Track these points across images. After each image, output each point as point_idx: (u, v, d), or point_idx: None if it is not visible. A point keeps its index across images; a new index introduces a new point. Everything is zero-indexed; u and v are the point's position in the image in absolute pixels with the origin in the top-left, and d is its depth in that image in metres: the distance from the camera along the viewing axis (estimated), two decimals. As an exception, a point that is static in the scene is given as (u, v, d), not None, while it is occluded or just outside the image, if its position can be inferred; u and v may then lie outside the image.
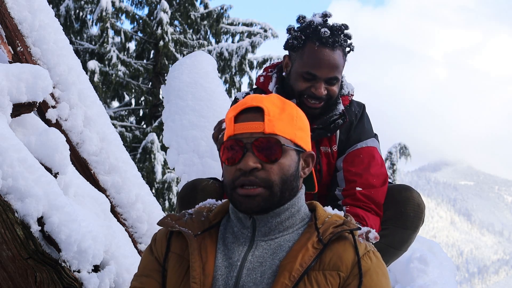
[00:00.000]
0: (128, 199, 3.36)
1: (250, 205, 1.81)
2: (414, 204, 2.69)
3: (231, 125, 1.86)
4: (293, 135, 1.87)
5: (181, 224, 1.91)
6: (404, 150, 19.41)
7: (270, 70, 2.88)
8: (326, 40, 2.64)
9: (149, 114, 15.57)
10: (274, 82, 2.81)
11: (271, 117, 1.83)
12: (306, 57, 2.66)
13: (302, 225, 1.89)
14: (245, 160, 1.80)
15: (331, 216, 1.89)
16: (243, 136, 1.83)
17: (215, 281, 1.81)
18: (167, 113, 4.02)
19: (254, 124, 1.83)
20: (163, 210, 6.04)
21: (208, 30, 16.00)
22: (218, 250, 1.86)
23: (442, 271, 3.50)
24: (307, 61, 2.66)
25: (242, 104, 1.88)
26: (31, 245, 2.33)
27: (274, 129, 1.83)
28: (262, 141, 1.81)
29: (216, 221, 1.93)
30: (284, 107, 1.88)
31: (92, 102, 3.38)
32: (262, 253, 1.83)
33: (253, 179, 1.80)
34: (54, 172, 2.60)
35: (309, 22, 2.69)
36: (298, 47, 2.69)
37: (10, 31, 3.20)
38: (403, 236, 2.70)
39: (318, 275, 1.77)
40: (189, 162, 3.75)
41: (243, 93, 2.89)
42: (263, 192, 1.80)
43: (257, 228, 1.85)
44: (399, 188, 2.75)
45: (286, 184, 1.83)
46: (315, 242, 1.80)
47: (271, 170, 1.81)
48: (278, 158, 1.81)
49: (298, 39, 2.69)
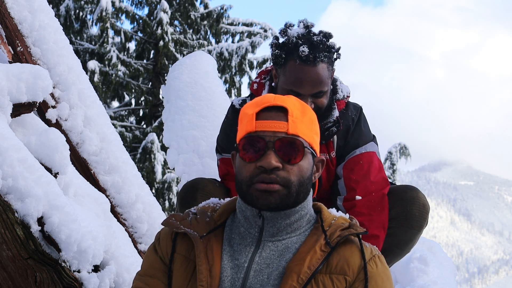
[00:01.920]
0: (128, 199, 3.35)
1: (268, 201, 1.79)
2: (420, 204, 2.71)
3: (252, 121, 1.83)
4: (312, 138, 1.87)
5: (186, 225, 1.90)
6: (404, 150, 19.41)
7: (264, 77, 2.86)
8: (306, 58, 2.59)
9: (149, 114, 15.56)
10: (267, 90, 2.79)
11: (295, 118, 1.83)
12: (288, 75, 2.63)
13: (309, 227, 1.88)
14: (267, 158, 1.79)
15: (337, 218, 1.89)
16: (266, 134, 1.81)
17: (221, 282, 1.80)
18: (167, 113, 4.03)
19: (277, 123, 1.82)
20: (163, 210, 6.04)
21: (208, 30, 16.00)
22: (224, 252, 1.85)
23: (442, 271, 3.50)
24: (289, 79, 2.63)
25: (264, 101, 1.86)
26: (31, 245, 2.33)
27: (297, 131, 1.82)
28: (285, 141, 1.80)
29: (221, 221, 1.92)
30: (305, 110, 1.88)
31: (92, 102, 3.38)
32: (269, 254, 1.82)
33: (274, 177, 1.79)
34: (54, 172, 2.60)
35: (289, 38, 2.64)
36: (281, 64, 2.66)
37: (10, 31, 3.20)
38: (408, 236, 2.71)
39: (325, 278, 1.77)
40: (189, 162, 3.75)
41: (239, 100, 2.86)
42: (282, 190, 1.80)
43: (265, 228, 1.84)
44: (404, 188, 2.77)
45: (303, 186, 1.83)
46: (322, 245, 1.80)
47: (291, 170, 1.80)
48: (299, 161, 1.81)
49: (279, 57, 2.66)
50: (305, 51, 2.59)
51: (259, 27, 15.89)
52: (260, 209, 1.83)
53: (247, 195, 1.83)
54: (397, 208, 2.70)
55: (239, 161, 1.86)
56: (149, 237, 3.39)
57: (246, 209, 1.87)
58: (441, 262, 3.61)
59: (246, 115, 1.86)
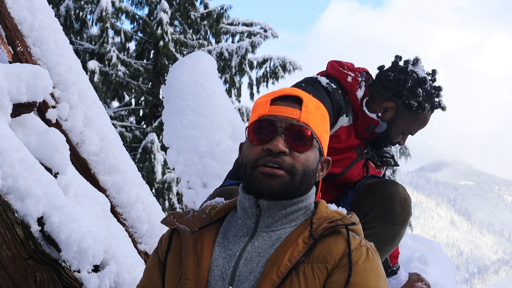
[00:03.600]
0: (128, 199, 3.35)
1: (269, 184, 1.78)
2: (401, 199, 2.66)
3: (266, 106, 1.84)
4: (321, 134, 1.88)
5: (182, 222, 1.91)
6: (404, 150, 19.40)
7: (359, 75, 2.83)
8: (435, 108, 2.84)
9: (149, 114, 15.56)
10: (363, 91, 2.81)
11: (308, 108, 1.84)
12: (418, 123, 2.83)
13: (303, 220, 1.87)
14: (275, 141, 1.79)
15: (330, 212, 1.86)
16: (278, 118, 1.82)
17: (211, 272, 1.80)
18: (167, 113, 4.03)
19: (290, 110, 1.82)
20: (163, 210, 6.04)
21: (208, 30, 15.99)
22: (216, 243, 1.85)
23: (442, 271, 3.50)
24: (418, 126, 2.85)
25: (281, 91, 1.87)
26: (31, 245, 2.33)
27: (309, 121, 1.83)
28: (295, 128, 1.81)
29: (217, 217, 1.92)
30: (319, 106, 1.89)
31: (92, 102, 3.38)
32: (262, 243, 1.81)
33: (279, 161, 1.78)
34: (54, 172, 2.60)
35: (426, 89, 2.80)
36: (415, 110, 2.79)
37: (10, 31, 3.20)
38: (393, 232, 2.67)
39: (307, 268, 1.75)
40: (189, 162, 3.75)
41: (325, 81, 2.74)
42: (286, 176, 1.79)
43: (261, 219, 1.84)
44: (384, 183, 2.71)
45: (306, 177, 1.82)
46: (306, 237, 1.78)
47: (297, 158, 1.80)
48: (307, 149, 1.81)
49: (419, 105, 2.78)
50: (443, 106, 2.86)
51: (259, 27, 15.88)
52: (260, 193, 1.82)
53: (250, 178, 1.82)
54: (378, 206, 2.65)
55: (246, 145, 1.86)
56: (149, 237, 3.39)
57: (245, 200, 1.86)
58: (441, 262, 3.61)
59: (261, 103, 1.88)
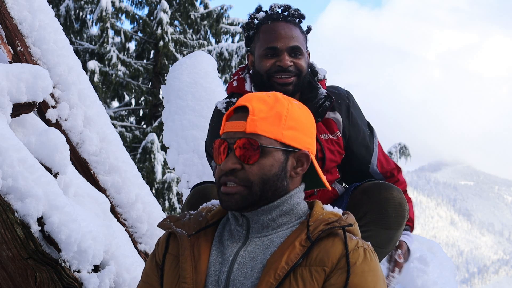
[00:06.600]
0: (128, 199, 3.36)
1: (229, 202, 1.81)
2: (396, 203, 2.62)
3: (224, 124, 1.87)
4: (280, 134, 1.82)
5: (179, 225, 1.91)
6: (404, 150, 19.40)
7: (241, 73, 2.82)
8: (277, 16, 2.64)
9: (149, 114, 15.57)
10: (249, 81, 2.75)
11: (255, 116, 1.81)
12: (263, 37, 2.64)
13: (298, 223, 1.86)
14: (226, 160, 1.80)
15: (326, 213, 1.85)
16: (228, 135, 1.83)
17: (208, 277, 1.81)
18: (167, 113, 4.03)
19: (238, 124, 1.82)
20: (163, 210, 6.04)
21: (208, 30, 16.00)
22: (213, 248, 1.86)
23: (442, 271, 3.50)
24: (264, 39, 2.64)
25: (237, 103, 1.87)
26: (31, 245, 2.33)
27: (256, 129, 1.80)
28: (242, 142, 1.80)
29: (213, 220, 1.93)
30: (275, 105, 1.84)
31: (92, 102, 3.38)
32: (255, 248, 1.82)
33: (232, 178, 1.80)
34: (54, 172, 2.60)
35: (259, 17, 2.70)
36: (254, 34, 2.68)
37: (10, 31, 3.20)
38: (388, 236, 2.65)
39: (304, 271, 1.75)
40: (189, 162, 3.75)
41: (223, 103, 2.79)
42: (242, 190, 1.80)
43: (251, 225, 1.85)
44: (379, 187, 2.66)
45: (268, 184, 1.81)
46: (303, 239, 1.78)
47: (250, 170, 1.79)
48: (255, 161, 1.79)
49: (251, 25, 2.68)
50: (277, 11, 2.66)
51: (259, 27, 15.87)
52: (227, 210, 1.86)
53: (219, 197, 1.85)
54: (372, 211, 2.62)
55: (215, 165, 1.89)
56: (149, 237, 3.39)
57: None
58: (441, 262, 3.60)
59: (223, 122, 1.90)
